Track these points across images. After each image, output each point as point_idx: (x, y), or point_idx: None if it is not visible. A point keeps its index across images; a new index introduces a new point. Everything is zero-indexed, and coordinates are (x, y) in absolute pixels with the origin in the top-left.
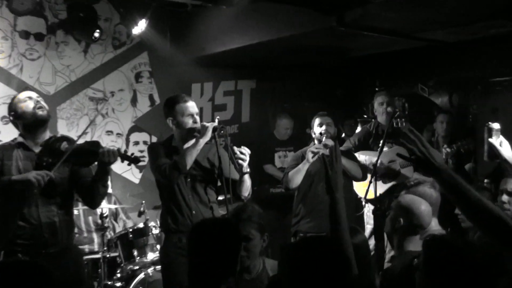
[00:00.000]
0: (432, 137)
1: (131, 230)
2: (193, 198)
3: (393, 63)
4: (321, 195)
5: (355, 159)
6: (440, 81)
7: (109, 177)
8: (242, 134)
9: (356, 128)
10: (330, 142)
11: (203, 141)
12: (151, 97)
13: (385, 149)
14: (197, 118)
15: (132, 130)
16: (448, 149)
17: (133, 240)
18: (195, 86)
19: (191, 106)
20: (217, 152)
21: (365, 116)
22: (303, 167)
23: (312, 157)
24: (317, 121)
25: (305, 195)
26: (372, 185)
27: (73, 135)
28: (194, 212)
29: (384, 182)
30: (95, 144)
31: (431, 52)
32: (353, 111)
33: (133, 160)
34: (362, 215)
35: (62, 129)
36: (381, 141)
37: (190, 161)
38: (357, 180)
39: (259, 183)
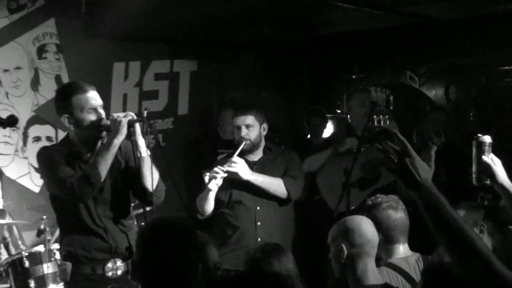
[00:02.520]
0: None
1: (27, 254)
2: (106, 216)
3: (376, 44)
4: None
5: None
6: (434, 69)
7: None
8: (178, 130)
9: (324, 127)
10: (239, 162)
11: (117, 141)
12: (58, 79)
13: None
14: (102, 113)
15: (32, 121)
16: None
17: (30, 268)
18: (117, 66)
19: (93, 97)
20: (133, 153)
21: (338, 111)
22: (208, 196)
23: (210, 183)
24: (235, 119)
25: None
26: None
27: None
28: (110, 233)
29: (362, 189)
30: None
31: (424, 31)
32: (321, 105)
33: (7, 123)
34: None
35: None
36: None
37: (105, 170)
38: (282, 199)
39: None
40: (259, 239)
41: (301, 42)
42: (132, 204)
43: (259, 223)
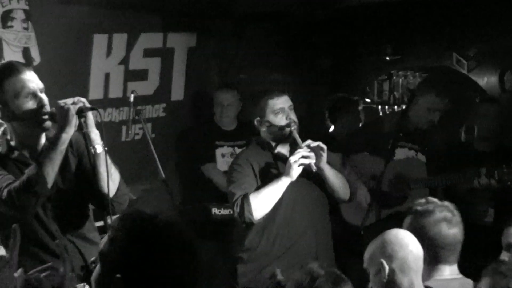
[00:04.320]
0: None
1: None
2: (62, 230)
3: (413, 18)
4: (298, 226)
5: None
6: (486, 51)
7: None
8: (171, 119)
9: (352, 120)
10: (316, 145)
11: (66, 135)
12: (26, 53)
13: (397, 157)
14: (44, 98)
15: None
16: (484, 177)
17: None
18: (99, 38)
19: (30, 79)
20: (87, 149)
21: (368, 100)
22: (279, 187)
23: (293, 170)
24: (270, 104)
25: (269, 222)
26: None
27: None
28: (68, 251)
29: (381, 206)
30: None
31: (475, 3)
32: (346, 92)
33: None
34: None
35: None
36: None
37: (52, 172)
38: (342, 200)
39: (195, 197)
40: (313, 251)
41: (321, 15)
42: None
43: (311, 231)
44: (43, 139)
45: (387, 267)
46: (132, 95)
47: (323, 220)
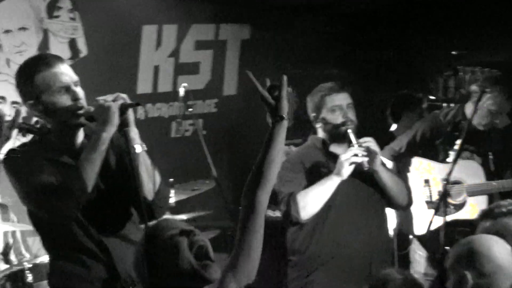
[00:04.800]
0: None
1: (30, 266)
2: (103, 231)
3: (484, 9)
4: (349, 228)
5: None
6: None
7: None
8: (223, 115)
9: (417, 118)
10: (371, 143)
11: (107, 134)
12: (72, 44)
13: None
14: (79, 91)
15: None
16: None
17: (33, 284)
18: (148, 30)
19: (63, 72)
20: (128, 147)
21: (432, 97)
22: (328, 187)
23: (349, 170)
24: (327, 101)
25: (320, 223)
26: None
27: None
28: (113, 253)
29: (444, 212)
30: None
31: None
32: (410, 89)
33: (41, 133)
34: (407, 254)
35: None
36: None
37: (92, 175)
38: (400, 207)
39: None
40: (367, 255)
41: (381, 5)
42: None
43: (364, 235)
44: (80, 137)
45: (470, 282)
46: (183, 90)
47: (379, 222)
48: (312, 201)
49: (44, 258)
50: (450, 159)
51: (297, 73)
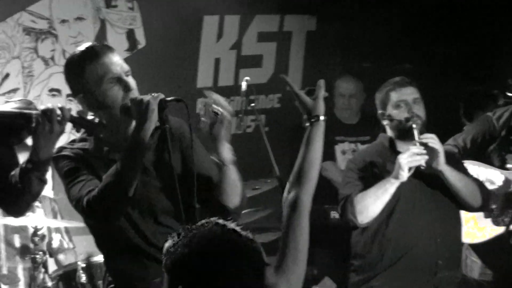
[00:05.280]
0: None
1: (84, 266)
2: (159, 233)
3: None
4: (414, 233)
5: (466, 172)
6: None
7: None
8: (287, 111)
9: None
10: (433, 140)
11: (145, 132)
12: (130, 34)
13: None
14: (131, 82)
15: None
16: None
17: (87, 284)
18: (209, 20)
19: (112, 62)
20: (191, 140)
21: (510, 94)
22: (387, 190)
23: (409, 171)
24: (392, 96)
25: (383, 225)
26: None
27: None
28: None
29: (498, 223)
30: (25, 103)
31: None
32: (485, 85)
33: (93, 127)
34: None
35: None
36: None
37: (133, 175)
38: (472, 209)
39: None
40: (433, 261)
41: None
42: None
43: (430, 239)
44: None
45: None
46: (245, 83)
47: (446, 225)
48: (369, 204)
49: (99, 258)
50: (509, 165)
51: (366, 67)
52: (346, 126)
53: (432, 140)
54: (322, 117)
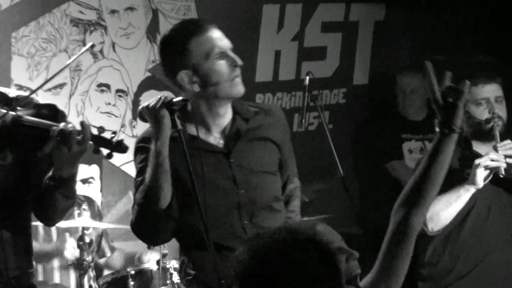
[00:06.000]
0: None
1: (133, 272)
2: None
3: None
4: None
5: None
6: None
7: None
8: (353, 107)
9: None
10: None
11: (160, 143)
12: None
13: None
14: (236, 57)
15: (146, 85)
16: None
17: None
18: (269, 10)
19: (218, 36)
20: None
21: None
22: (461, 196)
23: (486, 177)
24: (472, 92)
25: (455, 232)
26: None
27: (35, 84)
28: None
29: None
30: (51, 109)
31: None
32: None
33: (115, 147)
34: None
35: (20, 73)
36: None
37: (159, 186)
38: None
39: (378, 200)
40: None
41: None
42: None
43: (507, 246)
44: (228, 116)
45: None
46: (307, 77)
47: None
48: (441, 211)
49: (150, 265)
50: None
51: (440, 60)
52: (411, 123)
53: (510, 146)
54: (456, 130)
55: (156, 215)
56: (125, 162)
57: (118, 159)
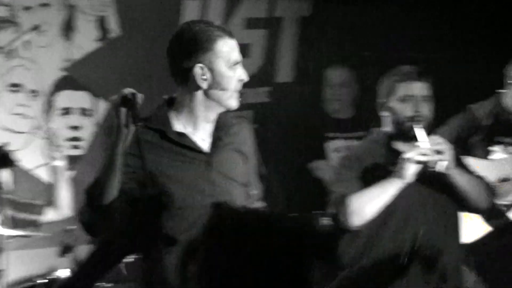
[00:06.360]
0: None
1: (45, 281)
2: None
3: None
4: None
5: (471, 171)
6: None
7: None
8: (277, 105)
9: None
10: (441, 143)
11: (112, 143)
12: (101, 23)
13: (496, 156)
14: (244, 73)
15: (60, 84)
16: None
17: None
18: (190, 6)
19: (237, 48)
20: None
21: None
22: (387, 190)
23: (415, 171)
24: (398, 88)
25: (371, 238)
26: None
27: None
28: None
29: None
30: None
31: None
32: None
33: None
34: None
35: None
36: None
37: (108, 180)
38: (479, 212)
39: (302, 202)
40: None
41: None
42: None
43: (441, 249)
44: (213, 123)
45: None
46: None
47: (449, 231)
48: (366, 206)
49: (62, 273)
50: (495, 156)
51: (367, 56)
52: (337, 122)
53: (439, 141)
54: None
55: (102, 206)
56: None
57: (30, 162)
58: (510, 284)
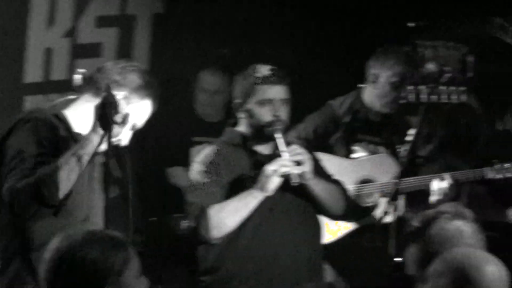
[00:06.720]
0: None
1: None
2: None
3: None
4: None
5: (328, 177)
6: None
7: None
8: None
9: None
10: (302, 153)
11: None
12: None
13: (357, 155)
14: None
15: None
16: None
17: None
18: (37, 3)
19: None
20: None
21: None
22: (248, 204)
23: (277, 184)
24: (257, 91)
25: (236, 235)
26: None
27: None
28: None
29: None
30: None
31: None
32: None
33: None
34: None
35: None
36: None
37: (67, 180)
38: (335, 218)
39: (160, 207)
40: (297, 272)
41: None
42: None
43: (291, 249)
44: None
45: None
46: (79, 77)
47: (308, 235)
48: (226, 219)
49: None
50: (356, 154)
51: (224, 53)
52: (206, 125)
53: (298, 151)
54: None
55: (49, 201)
56: None
57: None
58: (367, 280)
